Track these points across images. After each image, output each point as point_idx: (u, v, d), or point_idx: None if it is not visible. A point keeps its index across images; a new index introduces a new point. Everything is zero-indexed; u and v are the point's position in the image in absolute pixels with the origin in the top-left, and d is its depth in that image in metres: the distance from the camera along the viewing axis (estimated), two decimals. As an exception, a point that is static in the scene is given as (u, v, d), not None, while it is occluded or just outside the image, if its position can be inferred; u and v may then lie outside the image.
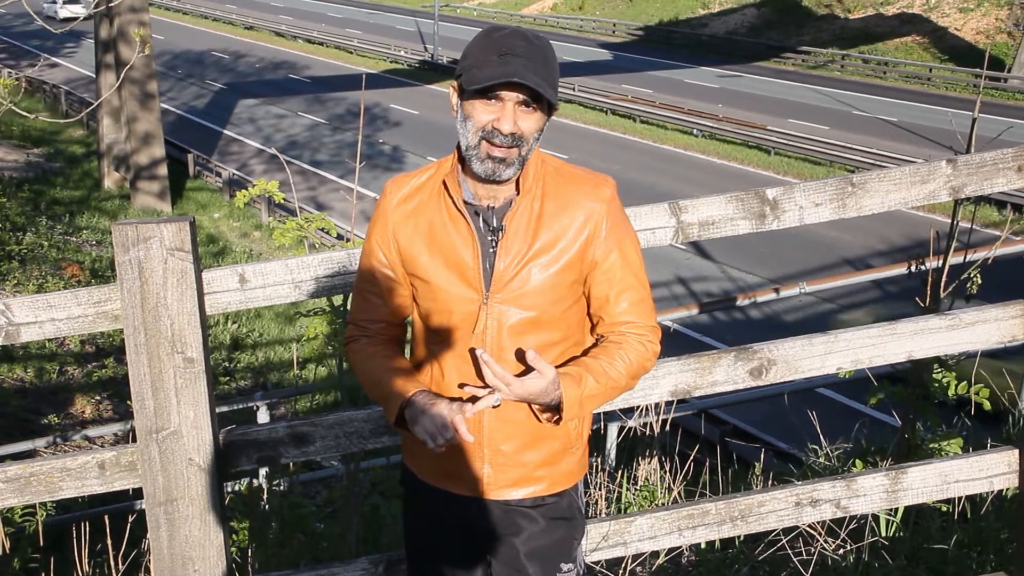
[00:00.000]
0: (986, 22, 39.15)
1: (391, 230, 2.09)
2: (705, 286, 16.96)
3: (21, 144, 27.83)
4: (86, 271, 16.32)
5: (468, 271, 2.02)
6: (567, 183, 2.06)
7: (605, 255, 2.05)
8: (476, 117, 1.94)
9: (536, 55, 1.91)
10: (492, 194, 2.02)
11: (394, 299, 2.15)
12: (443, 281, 2.03)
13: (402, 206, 2.09)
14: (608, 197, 2.05)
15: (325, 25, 53.52)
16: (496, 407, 1.99)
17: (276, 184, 3.59)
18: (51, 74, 38.04)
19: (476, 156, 1.95)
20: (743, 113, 30.66)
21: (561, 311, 2.05)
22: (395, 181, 2.13)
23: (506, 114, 1.92)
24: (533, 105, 1.93)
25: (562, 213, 2.02)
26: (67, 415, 11.02)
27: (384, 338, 2.18)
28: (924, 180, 2.58)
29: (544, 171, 2.06)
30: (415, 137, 29.21)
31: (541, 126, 1.97)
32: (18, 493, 2.43)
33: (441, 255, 2.03)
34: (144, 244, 2.23)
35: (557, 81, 1.96)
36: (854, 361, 2.63)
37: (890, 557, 3.30)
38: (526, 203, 2.02)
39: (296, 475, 4.79)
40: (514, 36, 1.93)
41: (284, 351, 14.84)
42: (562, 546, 2.20)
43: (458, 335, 2.05)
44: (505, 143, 1.92)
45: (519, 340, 2.03)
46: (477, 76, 1.90)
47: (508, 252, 2.01)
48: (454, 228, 2.03)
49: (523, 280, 2.01)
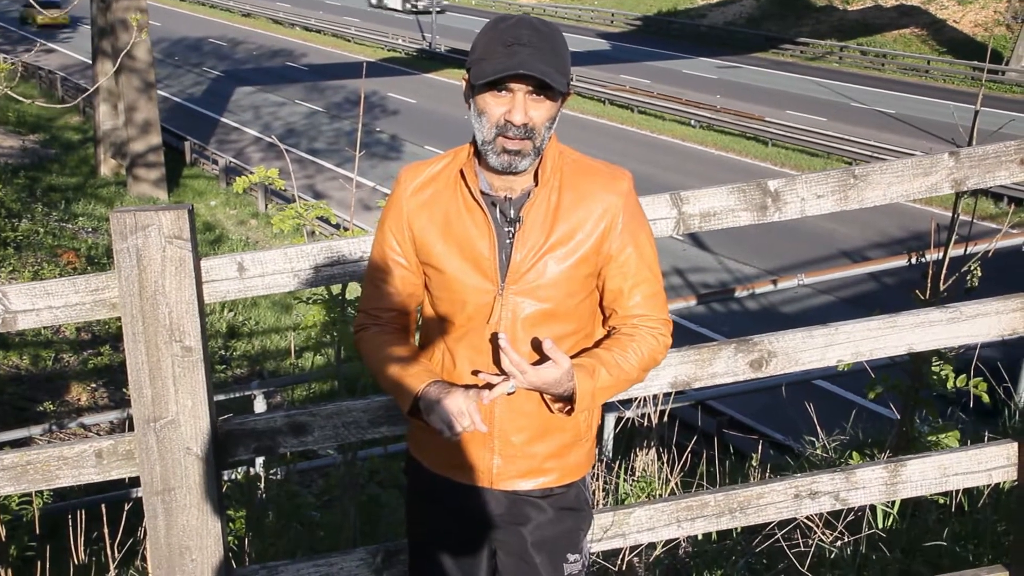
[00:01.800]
0: (984, 14, 39.13)
1: (405, 218, 2.08)
2: (703, 277, 16.96)
3: (17, 130, 27.75)
4: (82, 258, 16.30)
5: (484, 262, 2.01)
6: (584, 175, 2.05)
7: (621, 248, 2.04)
8: (489, 111, 1.93)
9: (543, 43, 1.89)
10: (508, 185, 2.01)
11: (406, 288, 2.14)
12: (458, 271, 2.03)
13: (417, 195, 2.08)
14: (625, 191, 2.05)
15: (323, 13, 53.39)
16: (510, 394, 1.97)
17: (276, 171, 3.57)
18: (47, 60, 37.92)
19: (492, 150, 1.95)
20: (741, 104, 30.63)
21: (575, 303, 2.05)
22: (410, 169, 2.12)
23: (517, 105, 1.91)
24: (543, 94, 1.92)
25: (579, 206, 2.02)
26: (63, 403, 11.02)
27: (395, 327, 2.16)
28: (926, 172, 2.57)
29: (562, 163, 2.05)
30: (413, 126, 29.15)
31: (553, 114, 1.96)
32: (14, 481, 2.42)
33: (456, 245, 2.02)
34: (143, 232, 2.21)
35: (568, 67, 1.94)
36: (854, 353, 2.62)
37: (887, 550, 3.30)
38: (544, 195, 2.01)
39: (293, 464, 4.78)
40: (520, 25, 1.91)
41: (281, 339, 14.83)
42: (570, 537, 2.19)
43: (471, 325, 2.04)
44: (518, 135, 1.92)
45: (533, 331, 2.02)
46: (485, 69, 1.89)
47: (525, 244, 2.00)
48: (470, 218, 2.02)
49: (539, 272, 2.00)
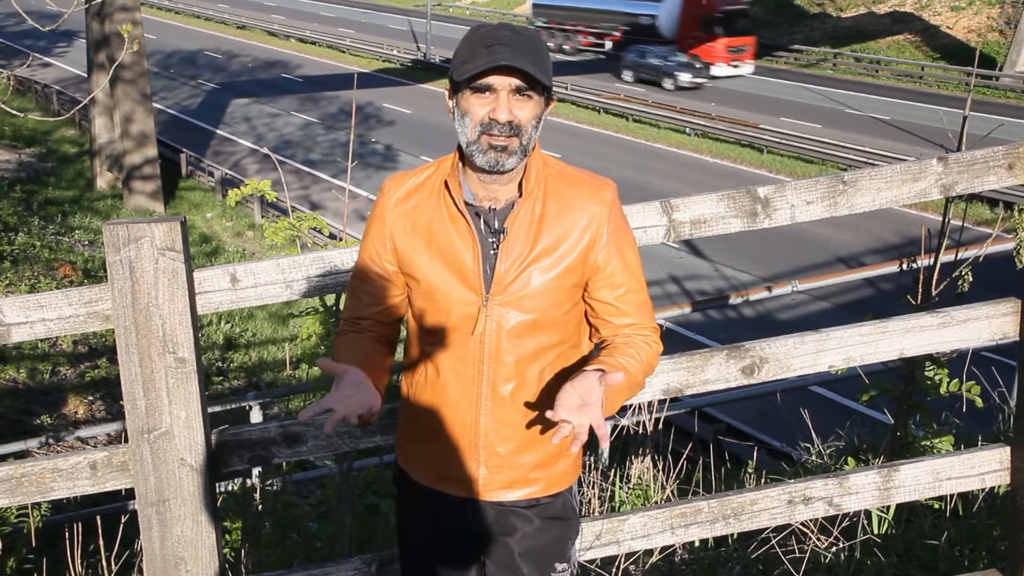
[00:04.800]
0: (978, 20, 39.24)
1: (388, 229, 2.08)
2: (698, 284, 16.98)
3: (13, 144, 27.74)
4: (79, 271, 16.28)
5: (468, 273, 2.01)
6: (569, 185, 2.05)
7: (607, 259, 2.04)
8: (472, 112, 1.93)
9: (524, 43, 1.91)
10: (493, 195, 2.01)
11: (386, 299, 2.14)
12: (441, 282, 2.02)
13: (400, 205, 2.08)
14: (610, 200, 2.05)
15: (318, 24, 53.45)
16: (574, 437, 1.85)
17: (268, 183, 3.58)
18: (43, 74, 37.93)
19: (477, 150, 1.94)
20: (736, 112, 30.69)
21: (561, 314, 2.05)
22: (394, 179, 2.12)
23: (501, 103, 1.91)
24: (527, 92, 1.92)
25: (564, 216, 2.02)
26: (60, 415, 11.00)
27: (372, 335, 2.16)
28: (915, 178, 2.58)
29: (546, 173, 2.05)
30: (408, 136, 29.18)
31: (538, 113, 1.96)
32: (9, 494, 2.42)
33: (440, 256, 2.02)
34: (135, 244, 2.22)
35: (549, 69, 1.95)
36: (846, 359, 2.63)
37: (882, 555, 3.30)
38: (528, 205, 2.01)
39: (289, 475, 4.79)
40: (500, 28, 1.93)
41: (277, 351, 14.82)
42: (556, 546, 2.19)
43: (455, 336, 2.04)
44: (504, 132, 1.92)
45: (518, 342, 2.02)
46: (467, 68, 1.90)
47: (509, 254, 2.00)
48: (454, 229, 2.02)
49: (524, 283, 2.00)
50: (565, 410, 1.82)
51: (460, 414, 2.08)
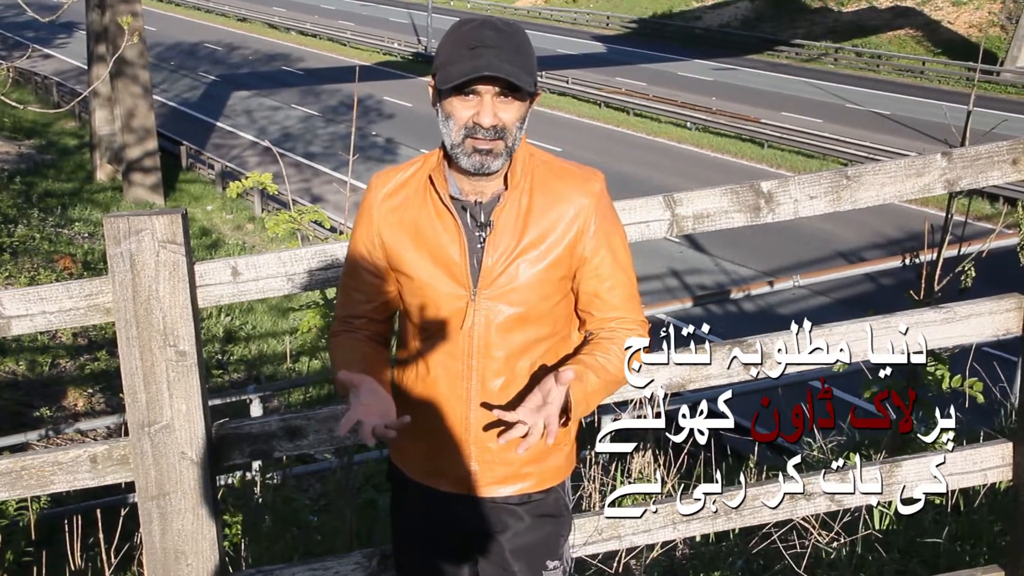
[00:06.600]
0: (979, 15, 39.19)
1: (376, 225, 2.07)
2: (699, 279, 16.96)
3: (13, 136, 27.70)
4: (78, 264, 16.26)
5: (455, 267, 1.99)
6: (556, 177, 2.03)
7: (595, 251, 2.03)
8: (456, 115, 1.91)
9: (507, 44, 1.88)
10: (479, 189, 2.00)
11: (377, 295, 2.13)
12: (429, 277, 2.01)
13: (387, 201, 2.06)
14: (597, 192, 2.03)
15: (318, 17, 53.35)
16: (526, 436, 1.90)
17: (269, 176, 3.57)
18: (43, 65, 37.87)
19: (462, 153, 1.92)
20: (737, 106, 30.63)
21: (550, 307, 2.03)
22: (380, 175, 2.11)
23: (485, 108, 1.89)
24: (511, 95, 1.90)
25: (551, 208, 2.00)
26: (59, 408, 10.99)
27: (366, 334, 2.15)
28: (919, 173, 2.57)
29: (532, 165, 2.03)
30: (409, 129, 29.14)
31: (523, 114, 1.94)
32: (9, 487, 2.42)
33: (427, 251, 2.01)
34: (136, 237, 2.21)
35: (534, 66, 1.93)
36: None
37: (884, 550, 3.30)
38: (514, 198, 1.99)
39: (290, 468, 4.79)
40: (483, 27, 1.90)
41: (277, 344, 14.82)
42: (548, 543, 2.18)
43: (444, 331, 2.03)
44: (488, 136, 1.90)
45: (507, 336, 2.01)
46: (450, 73, 1.87)
47: (496, 248, 1.98)
48: (440, 224, 2.00)
49: (511, 276, 1.98)
50: (524, 410, 1.86)
51: (451, 409, 2.07)
